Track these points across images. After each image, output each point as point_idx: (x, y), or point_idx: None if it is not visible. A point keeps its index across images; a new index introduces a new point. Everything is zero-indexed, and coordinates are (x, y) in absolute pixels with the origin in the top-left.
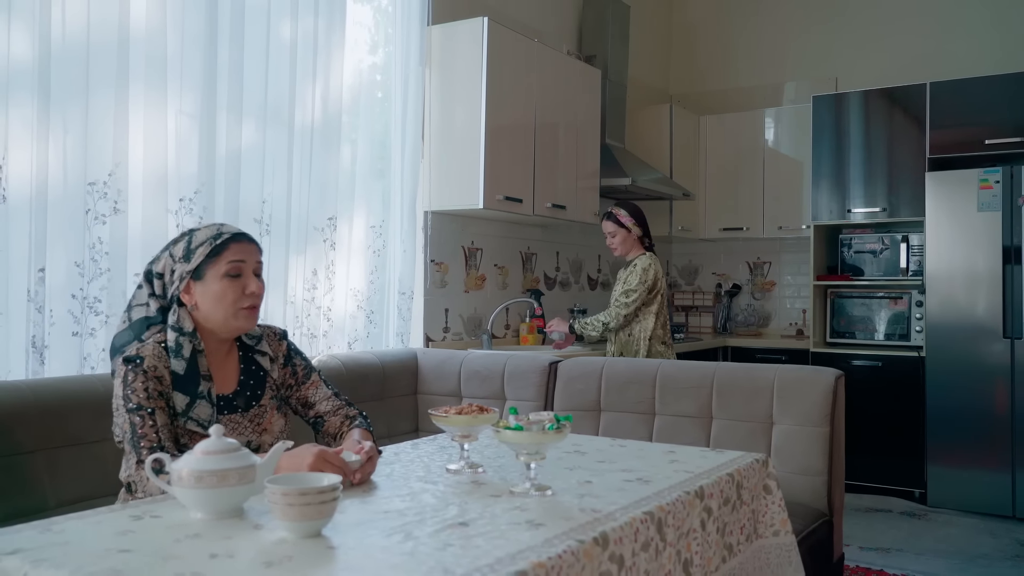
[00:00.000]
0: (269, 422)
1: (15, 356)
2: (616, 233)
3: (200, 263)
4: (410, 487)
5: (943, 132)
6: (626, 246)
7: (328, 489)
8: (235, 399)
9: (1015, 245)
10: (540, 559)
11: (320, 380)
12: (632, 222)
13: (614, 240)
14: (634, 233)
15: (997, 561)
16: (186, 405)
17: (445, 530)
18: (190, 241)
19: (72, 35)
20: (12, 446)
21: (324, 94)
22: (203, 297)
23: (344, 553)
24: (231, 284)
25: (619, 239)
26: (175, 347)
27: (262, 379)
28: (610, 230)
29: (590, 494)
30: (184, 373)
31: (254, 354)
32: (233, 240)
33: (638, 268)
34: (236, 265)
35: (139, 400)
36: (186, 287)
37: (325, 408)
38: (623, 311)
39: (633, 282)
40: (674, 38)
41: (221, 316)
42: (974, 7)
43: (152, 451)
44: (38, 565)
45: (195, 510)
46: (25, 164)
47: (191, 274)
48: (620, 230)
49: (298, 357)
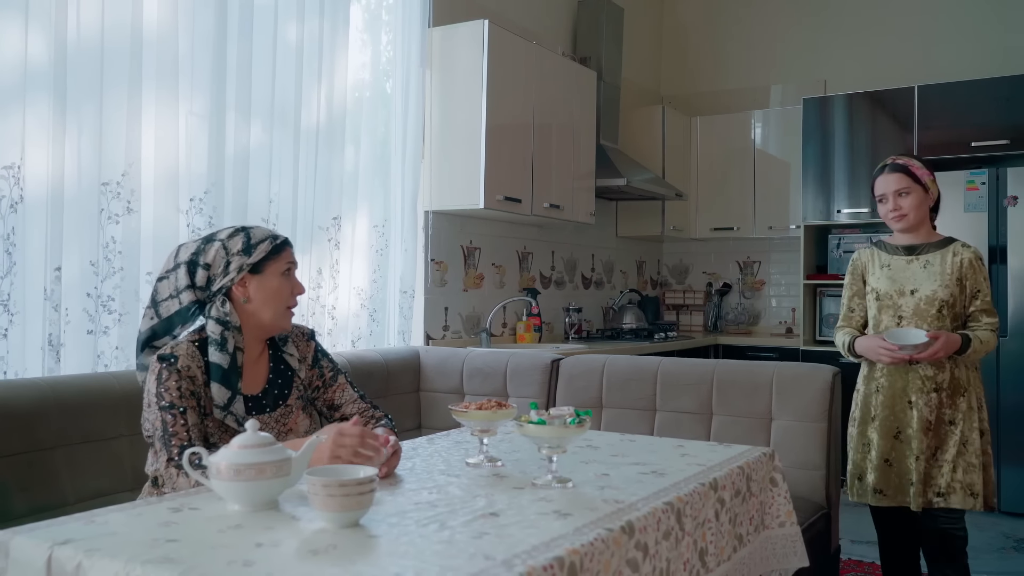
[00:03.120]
0: (295, 422)
1: (32, 354)
2: (911, 190)
3: (263, 258)
4: (435, 480)
5: (930, 134)
6: (920, 213)
7: (366, 480)
8: (263, 398)
9: (1000, 245)
10: (574, 546)
11: (347, 382)
12: (931, 178)
13: (903, 202)
14: (932, 195)
15: (984, 553)
16: (227, 400)
17: (477, 520)
18: (249, 237)
19: (86, 38)
20: (32, 442)
21: (328, 95)
22: (258, 291)
23: (385, 542)
24: (287, 282)
25: (913, 201)
26: (220, 340)
27: (289, 379)
28: (904, 185)
29: (610, 486)
30: (228, 367)
31: (282, 354)
32: (287, 244)
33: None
34: (293, 266)
35: (172, 398)
36: (242, 280)
37: (351, 411)
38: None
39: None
40: (665, 40)
41: (271, 312)
42: (961, 12)
43: (183, 450)
44: (92, 555)
45: (233, 502)
46: (41, 165)
47: (250, 267)
48: (916, 187)
49: (325, 359)
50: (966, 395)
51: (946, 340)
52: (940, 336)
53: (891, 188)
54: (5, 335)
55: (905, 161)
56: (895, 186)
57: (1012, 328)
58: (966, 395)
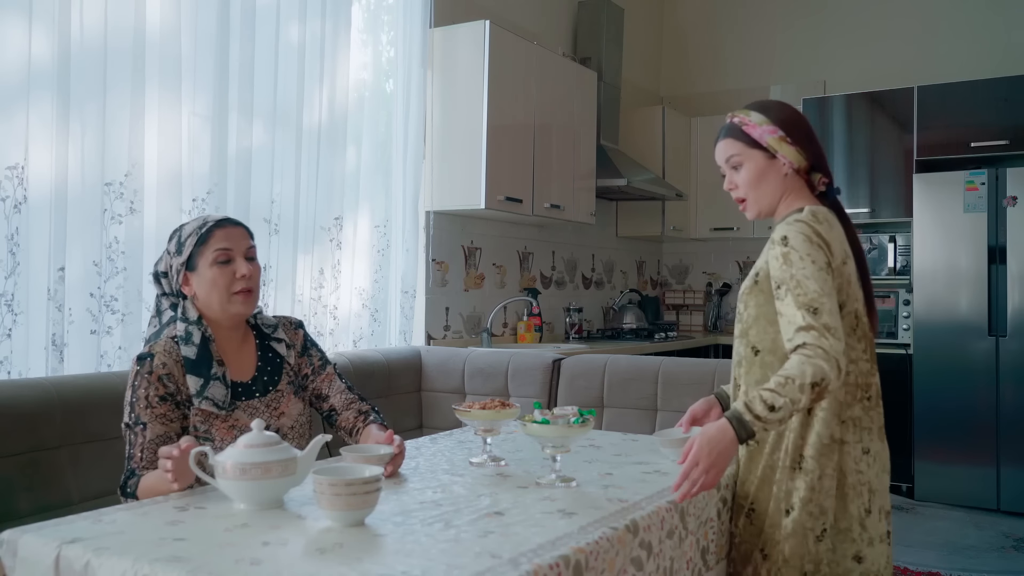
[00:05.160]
0: (286, 406)
1: (35, 354)
2: (743, 159)
3: (191, 253)
4: (439, 479)
5: (930, 135)
6: (766, 190)
7: (372, 480)
8: (253, 385)
9: (1000, 245)
10: (579, 545)
11: (335, 373)
12: (780, 135)
13: (737, 177)
14: (790, 160)
15: (984, 552)
16: (200, 387)
17: (482, 519)
18: (180, 235)
19: (90, 38)
20: (37, 442)
21: (330, 96)
22: (199, 286)
23: (391, 540)
24: (221, 271)
25: (747, 175)
26: (184, 335)
27: (279, 365)
28: (734, 152)
29: (613, 485)
30: (196, 358)
31: (270, 341)
32: (218, 227)
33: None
34: (223, 252)
35: (138, 411)
36: (183, 279)
37: (339, 401)
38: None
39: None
40: (665, 41)
41: (217, 302)
42: (961, 12)
43: (132, 475)
44: (100, 553)
45: (239, 501)
46: (45, 165)
47: (185, 265)
48: (752, 153)
49: (314, 348)
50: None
51: (700, 447)
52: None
53: (721, 160)
54: (9, 335)
55: (740, 118)
56: (724, 155)
57: (1012, 328)
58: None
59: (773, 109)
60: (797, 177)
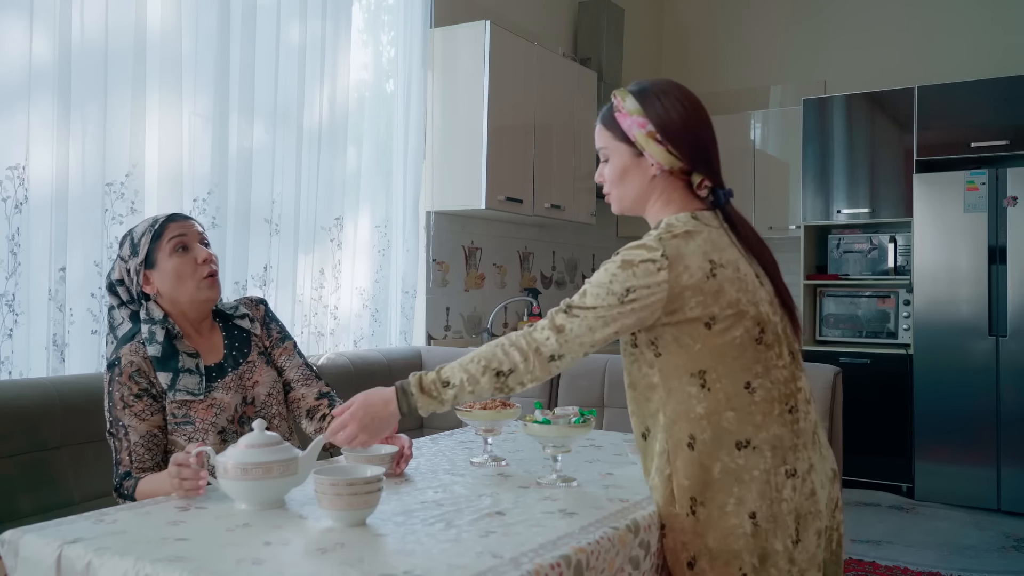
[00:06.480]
0: (260, 375)
1: (36, 354)
2: (609, 152)
3: (148, 250)
4: (440, 479)
5: (930, 135)
6: (632, 187)
7: (374, 480)
8: (224, 363)
9: (1000, 245)
10: (580, 544)
11: (294, 350)
12: (648, 130)
13: (606, 170)
14: (658, 159)
15: (984, 552)
16: (170, 380)
17: (483, 519)
18: (132, 237)
19: (91, 39)
20: (38, 442)
21: (331, 96)
22: (162, 281)
23: (392, 540)
24: (182, 258)
25: (613, 170)
26: (148, 336)
27: (246, 339)
28: (601, 144)
29: (614, 485)
30: (161, 355)
31: (235, 320)
32: (170, 220)
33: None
34: (179, 239)
35: (117, 414)
36: (144, 279)
37: (294, 376)
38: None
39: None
40: (665, 41)
41: (186, 292)
42: (961, 12)
43: (127, 476)
44: (101, 553)
45: (240, 501)
46: (46, 165)
47: (144, 264)
48: (618, 147)
49: (274, 323)
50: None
51: (355, 411)
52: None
53: (598, 150)
54: (10, 335)
55: (617, 101)
56: (596, 143)
57: (1012, 328)
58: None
59: (652, 96)
60: (672, 178)
